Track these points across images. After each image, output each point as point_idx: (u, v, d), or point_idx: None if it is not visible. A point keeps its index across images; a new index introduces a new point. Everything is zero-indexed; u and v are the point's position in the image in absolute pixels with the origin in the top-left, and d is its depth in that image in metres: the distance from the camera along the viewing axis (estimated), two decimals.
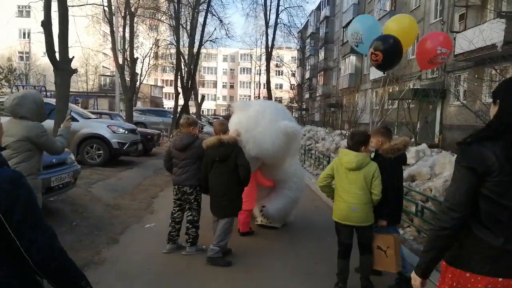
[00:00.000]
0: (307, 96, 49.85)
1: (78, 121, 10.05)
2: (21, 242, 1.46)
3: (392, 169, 3.82)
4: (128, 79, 18.20)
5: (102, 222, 5.86)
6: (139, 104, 37.52)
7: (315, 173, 10.90)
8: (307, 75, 49.77)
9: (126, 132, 10.78)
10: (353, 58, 33.02)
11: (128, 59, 18.09)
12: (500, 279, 1.79)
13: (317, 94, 45.44)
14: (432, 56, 6.83)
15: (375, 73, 26.85)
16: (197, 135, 4.86)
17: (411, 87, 21.76)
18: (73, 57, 9.52)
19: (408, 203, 5.45)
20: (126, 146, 10.58)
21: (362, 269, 3.91)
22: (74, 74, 9.85)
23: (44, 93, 14.92)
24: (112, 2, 16.99)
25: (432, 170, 5.85)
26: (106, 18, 19.48)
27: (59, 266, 1.55)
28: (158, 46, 34.30)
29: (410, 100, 17.98)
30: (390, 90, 22.76)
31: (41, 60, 38.17)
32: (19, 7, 40.45)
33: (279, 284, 4.15)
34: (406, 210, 5.52)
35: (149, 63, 38.34)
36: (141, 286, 3.99)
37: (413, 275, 2.03)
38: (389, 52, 5.66)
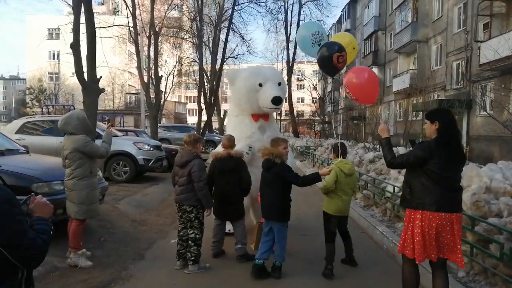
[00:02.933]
0: (329, 109, 49.64)
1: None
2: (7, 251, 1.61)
3: None
4: (153, 97, 18.60)
5: (128, 238, 5.98)
6: (163, 121, 38.21)
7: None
8: (329, 88, 49.63)
9: (152, 148, 11.01)
10: (375, 70, 32.77)
11: (153, 77, 18.52)
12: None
13: (340, 107, 45.17)
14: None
15: (398, 85, 26.60)
16: (198, 154, 4.88)
17: (435, 98, 21.43)
18: (101, 76, 9.84)
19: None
20: (151, 163, 10.80)
21: (348, 251, 5.03)
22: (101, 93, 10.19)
23: None
24: (137, 23, 17.51)
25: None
26: (131, 38, 20.10)
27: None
28: (182, 64, 35.03)
29: None
30: (414, 102, 22.47)
31: (70, 80, 39.53)
32: (49, 29, 42.15)
33: None
34: None
35: (173, 81, 39.13)
36: None
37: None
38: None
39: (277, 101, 5.77)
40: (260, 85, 5.89)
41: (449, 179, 3.34)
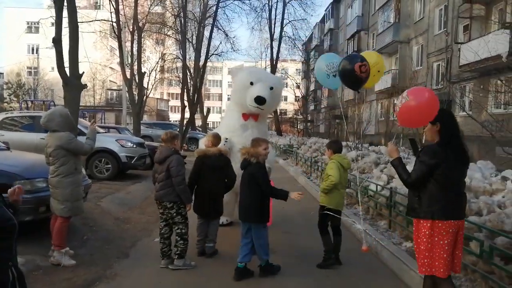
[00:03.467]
0: (312, 108, 49.96)
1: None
2: None
3: None
4: (135, 93, 18.39)
5: (112, 236, 5.92)
6: (145, 118, 37.76)
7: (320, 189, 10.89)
8: (312, 87, 49.93)
9: (135, 146, 10.89)
10: None
11: (136, 73, 18.31)
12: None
13: (322, 106, 45.52)
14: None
15: (380, 85, 26.90)
16: (176, 149, 4.91)
17: None
18: (83, 72, 9.69)
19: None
20: (134, 160, 10.68)
21: (336, 248, 5.00)
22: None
23: (53, 107, 15.08)
24: (120, 18, 17.27)
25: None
26: (113, 33, 19.76)
27: None
28: (165, 60, 34.67)
29: None
30: (395, 101, 22.80)
31: (49, 75, 38.72)
32: (28, 23, 41.16)
33: None
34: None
35: (155, 77, 38.73)
36: None
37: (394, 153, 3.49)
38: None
39: (259, 100, 5.95)
40: (252, 83, 6.13)
41: (456, 183, 3.25)
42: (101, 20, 18.61)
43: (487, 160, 8.39)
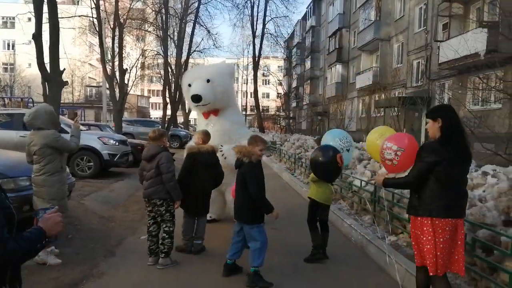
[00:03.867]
0: (294, 104, 50.21)
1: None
2: None
3: None
4: (117, 90, 18.13)
5: (97, 234, 5.85)
6: (126, 115, 37.25)
7: (306, 181, 10.99)
8: (294, 84, 50.17)
9: (117, 143, 10.76)
10: (339, 66, 33.46)
11: (116, 70, 18.04)
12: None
13: (304, 103, 45.79)
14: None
15: (361, 82, 27.28)
16: (165, 146, 4.91)
17: (396, 95, 22.17)
18: (64, 69, 9.53)
19: (401, 210, 5.57)
20: (117, 158, 10.55)
21: (323, 243, 5.07)
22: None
23: (32, 104, 14.75)
24: (101, 14, 16.98)
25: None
26: (92, 29, 19.42)
27: (16, 261, 1.75)
28: (145, 57, 34.27)
29: (396, 108, 18.27)
30: (377, 98, 23.16)
31: (26, 72, 37.83)
32: (3, 18, 40.06)
33: None
34: (399, 217, 5.65)
35: (136, 74, 38.25)
36: None
37: (378, 180, 3.63)
38: None
39: (195, 99, 6.01)
40: (190, 85, 6.21)
41: (456, 181, 3.20)
42: (81, 16, 18.28)
43: None
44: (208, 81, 6.12)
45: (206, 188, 5.28)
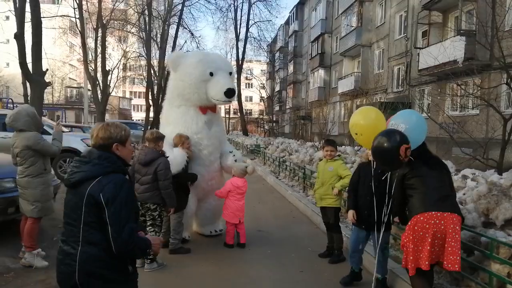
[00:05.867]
0: (277, 108, 50.49)
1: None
2: (111, 230, 2.09)
3: None
4: (100, 92, 17.93)
5: None
6: (107, 117, 36.80)
7: (290, 184, 11.10)
8: (277, 88, 50.45)
9: None
10: (321, 71, 33.84)
11: (99, 71, 17.85)
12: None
13: (287, 107, 46.09)
14: None
15: (343, 87, 27.65)
16: (162, 152, 4.84)
17: (377, 100, 22.56)
18: (47, 69, 9.41)
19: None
20: None
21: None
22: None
23: (11, 105, 14.46)
24: (83, 14, 16.79)
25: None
26: (73, 30, 19.12)
27: (132, 253, 2.23)
28: (128, 58, 33.95)
29: None
30: (358, 103, 23.50)
31: (4, 71, 36.99)
32: None
33: None
34: None
35: (118, 75, 37.85)
36: None
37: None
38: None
39: (230, 93, 5.31)
40: (211, 74, 5.36)
41: (429, 183, 3.44)
42: (64, 16, 18.01)
43: (447, 160, 8.87)
44: (230, 74, 5.66)
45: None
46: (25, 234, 4.46)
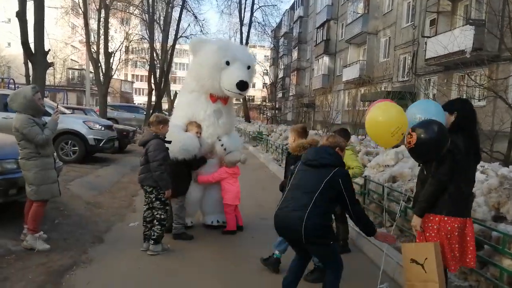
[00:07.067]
0: (280, 95, 50.18)
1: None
2: (348, 209, 3.11)
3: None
4: (102, 74, 17.75)
5: (84, 221, 5.73)
6: (109, 100, 36.61)
7: None
8: (280, 75, 50.06)
9: (103, 128, 10.54)
10: (326, 58, 33.50)
11: (101, 53, 17.64)
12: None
13: (290, 94, 45.79)
14: None
15: (348, 75, 27.40)
16: (157, 134, 4.72)
17: (383, 89, 22.36)
18: (49, 50, 9.26)
19: (391, 203, 5.62)
20: (102, 143, 10.34)
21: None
22: None
23: (13, 86, 14.30)
24: None
25: (413, 171, 6.06)
26: (75, 10, 18.79)
27: (365, 222, 3.21)
28: (130, 41, 33.59)
29: None
30: (363, 91, 23.29)
31: (6, 51, 36.64)
32: None
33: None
34: (389, 210, 5.70)
35: (120, 58, 37.53)
36: (135, 285, 3.94)
37: (415, 217, 3.23)
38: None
39: (242, 86, 5.11)
40: (227, 63, 5.21)
41: (465, 178, 3.13)
42: None
43: None
44: (248, 67, 5.42)
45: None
46: (30, 216, 4.38)
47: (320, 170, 3.21)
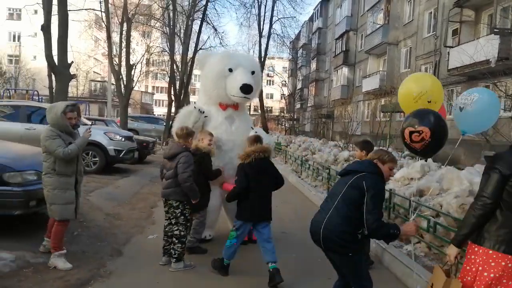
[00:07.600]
0: (298, 106, 50.04)
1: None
2: (366, 216, 2.83)
3: None
4: (123, 86, 17.99)
5: (104, 232, 5.69)
6: (129, 111, 37.14)
7: (314, 184, 10.82)
8: (299, 85, 49.98)
9: (123, 139, 10.60)
10: (345, 69, 33.29)
11: (122, 66, 17.90)
12: None
13: (309, 105, 45.59)
14: None
15: (367, 85, 27.11)
16: (187, 146, 4.67)
17: None
18: (72, 62, 9.39)
19: (418, 218, 5.40)
20: (122, 154, 10.40)
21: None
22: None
23: (37, 98, 14.62)
24: (109, 7, 16.84)
25: (440, 185, 5.82)
26: (98, 24, 19.18)
27: (382, 235, 2.95)
28: (151, 53, 34.12)
29: (404, 113, 18.09)
30: (383, 103, 22.97)
31: (31, 64, 37.74)
32: (9, 9, 39.96)
33: None
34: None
35: (141, 70, 38.13)
36: None
37: (451, 246, 2.75)
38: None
39: (245, 88, 5.16)
40: (230, 70, 5.31)
41: None
42: (90, 9, 18.11)
43: (476, 164, 8.44)
44: (253, 73, 5.49)
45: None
46: (52, 233, 4.32)
47: (348, 176, 3.19)
